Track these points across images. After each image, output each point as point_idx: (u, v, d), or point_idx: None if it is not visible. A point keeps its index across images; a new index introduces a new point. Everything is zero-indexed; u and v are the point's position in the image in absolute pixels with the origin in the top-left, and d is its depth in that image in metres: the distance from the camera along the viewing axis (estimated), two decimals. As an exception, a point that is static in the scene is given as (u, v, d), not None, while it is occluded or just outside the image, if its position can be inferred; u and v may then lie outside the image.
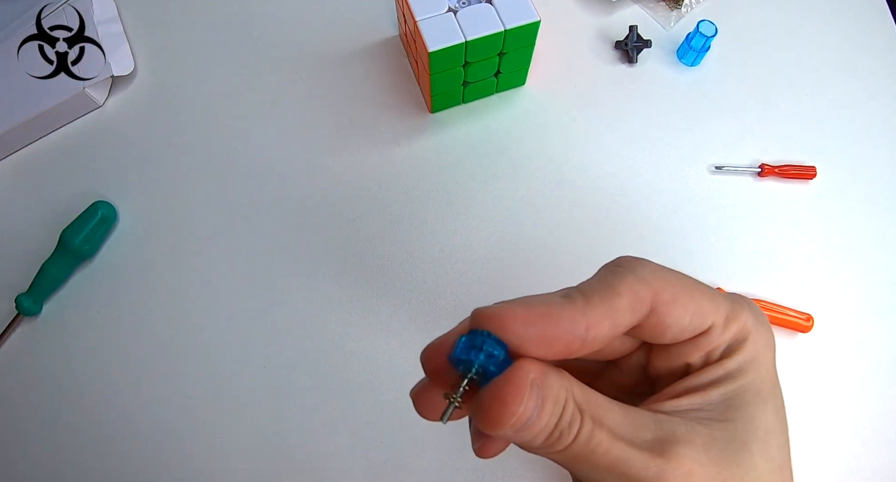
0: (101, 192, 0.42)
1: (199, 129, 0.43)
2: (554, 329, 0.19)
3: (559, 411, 0.19)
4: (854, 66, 0.43)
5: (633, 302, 0.20)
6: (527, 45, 0.39)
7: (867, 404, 0.36)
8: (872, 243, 0.39)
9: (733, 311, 0.21)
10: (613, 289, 0.20)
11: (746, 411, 0.21)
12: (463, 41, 0.35)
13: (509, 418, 0.18)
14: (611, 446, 0.19)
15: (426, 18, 0.36)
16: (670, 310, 0.20)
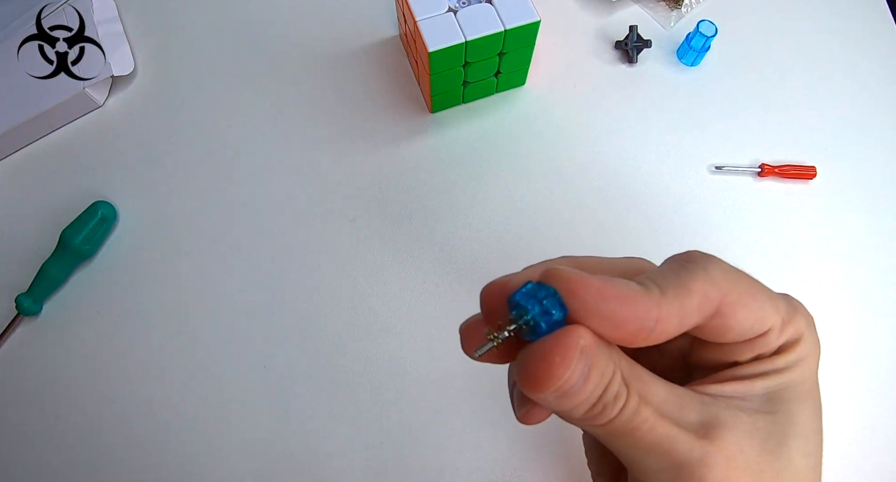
0: (101, 192, 0.42)
1: (199, 128, 0.43)
2: (626, 312, 0.18)
3: (604, 384, 0.19)
4: (854, 66, 0.43)
5: (702, 303, 0.19)
6: (527, 45, 0.38)
7: (868, 404, 0.36)
8: (872, 243, 0.39)
9: (789, 315, 0.21)
10: (686, 287, 0.19)
11: (788, 407, 0.20)
12: (463, 41, 0.35)
13: (553, 382, 0.18)
14: (655, 424, 0.19)
15: (426, 18, 0.36)
16: (735, 313, 0.20)
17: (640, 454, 0.19)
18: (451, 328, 0.35)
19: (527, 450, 0.35)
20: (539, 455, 0.35)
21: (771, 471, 0.19)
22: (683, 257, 0.21)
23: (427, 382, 0.36)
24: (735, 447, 0.19)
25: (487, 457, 0.35)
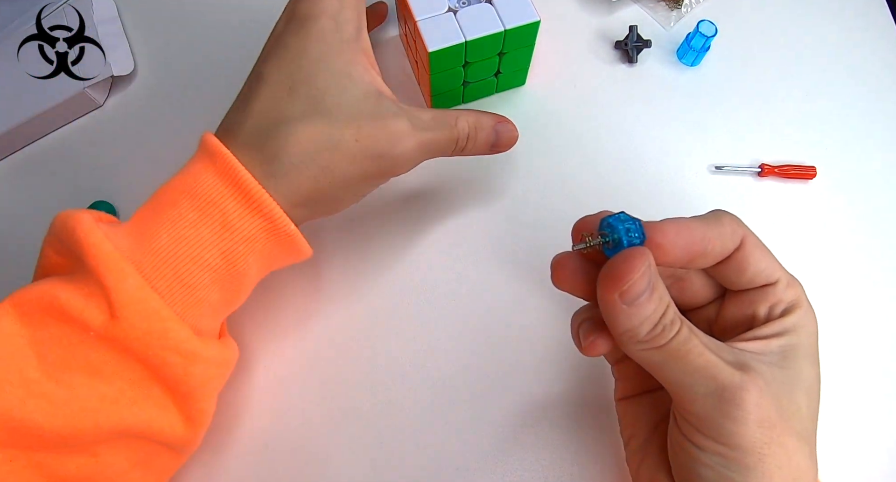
0: (101, 192, 0.42)
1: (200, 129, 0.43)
2: (693, 239, 0.24)
3: (663, 307, 0.23)
4: (854, 66, 0.43)
5: (731, 233, 0.25)
6: (527, 45, 0.39)
7: (868, 405, 0.36)
8: (872, 243, 0.39)
9: (793, 281, 0.27)
10: (719, 221, 0.25)
11: (797, 365, 0.24)
12: (463, 41, 0.35)
13: (628, 278, 0.22)
14: (703, 351, 0.23)
15: (426, 18, 0.36)
16: (753, 252, 0.26)
17: (690, 378, 0.23)
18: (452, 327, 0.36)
19: (527, 450, 0.35)
20: (539, 455, 0.35)
21: (787, 411, 0.23)
22: (712, 211, 0.26)
23: (427, 382, 0.36)
24: (765, 384, 0.23)
25: (488, 457, 0.35)
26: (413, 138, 0.30)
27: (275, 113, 0.28)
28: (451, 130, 0.32)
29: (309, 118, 0.28)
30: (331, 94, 0.28)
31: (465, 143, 0.33)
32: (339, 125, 0.28)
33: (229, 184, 0.27)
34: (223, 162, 0.28)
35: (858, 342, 0.37)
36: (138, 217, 0.28)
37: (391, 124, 0.29)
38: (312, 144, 0.28)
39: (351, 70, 0.29)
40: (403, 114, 0.30)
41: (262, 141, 0.28)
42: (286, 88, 0.28)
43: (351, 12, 0.30)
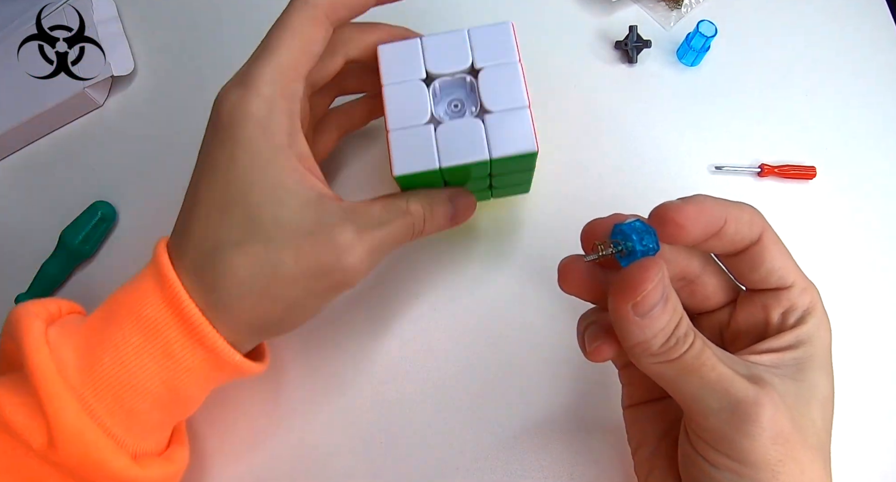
0: (101, 192, 0.42)
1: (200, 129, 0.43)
2: (709, 216, 0.23)
3: (676, 319, 0.23)
4: (854, 66, 0.43)
5: (750, 221, 0.24)
6: (523, 170, 0.33)
7: (868, 405, 0.36)
8: (873, 243, 0.39)
9: (809, 286, 0.26)
10: (739, 206, 0.25)
11: (812, 377, 0.24)
12: (437, 168, 0.28)
13: (644, 287, 0.22)
14: (716, 365, 0.23)
15: (401, 129, 0.29)
16: (770, 249, 0.25)
17: (703, 392, 0.23)
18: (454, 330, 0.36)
19: (527, 451, 0.35)
20: (540, 456, 0.35)
21: (801, 426, 0.23)
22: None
23: (428, 382, 0.36)
24: (779, 398, 0.22)
25: (489, 457, 0.35)
26: (361, 246, 0.27)
27: (212, 238, 0.27)
28: (405, 217, 0.29)
29: (244, 243, 0.26)
30: (266, 211, 0.26)
31: (423, 224, 0.30)
32: (275, 247, 0.26)
33: (173, 312, 0.27)
34: (169, 288, 0.27)
35: (858, 342, 0.37)
36: (89, 327, 0.28)
37: (335, 237, 0.26)
38: (248, 273, 0.26)
39: (285, 179, 0.27)
40: (348, 220, 0.27)
41: (202, 268, 0.27)
42: (220, 209, 0.27)
43: (281, 115, 0.27)
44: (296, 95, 0.28)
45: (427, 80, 0.30)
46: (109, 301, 0.29)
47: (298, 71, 0.28)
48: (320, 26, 0.29)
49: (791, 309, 0.26)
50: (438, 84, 0.30)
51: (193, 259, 0.27)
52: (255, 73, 0.27)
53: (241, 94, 0.27)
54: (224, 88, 0.28)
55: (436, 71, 0.30)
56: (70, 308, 0.31)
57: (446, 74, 0.30)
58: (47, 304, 0.29)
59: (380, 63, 0.30)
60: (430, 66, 0.30)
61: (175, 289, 0.26)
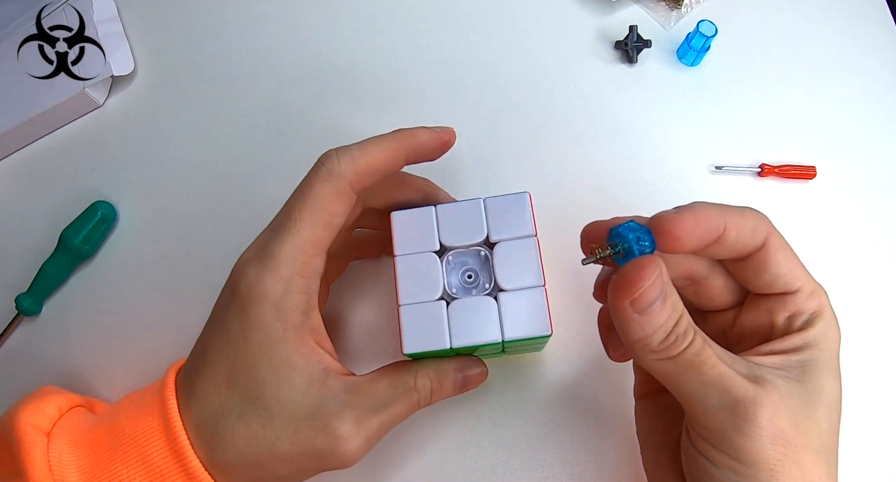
0: (101, 192, 0.42)
1: (200, 128, 0.43)
2: (707, 225, 0.23)
3: (676, 316, 0.23)
4: (854, 66, 0.43)
5: (753, 228, 0.25)
6: (535, 348, 0.33)
7: (868, 405, 0.36)
8: (873, 243, 0.39)
9: (817, 290, 0.26)
10: (742, 213, 0.25)
11: (818, 379, 0.24)
12: (448, 348, 0.28)
13: (640, 284, 0.22)
14: (717, 363, 0.23)
15: (412, 304, 0.28)
16: (775, 254, 0.25)
17: (703, 390, 0.23)
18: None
19: (528, 450, 0.35)
20: (540, 456, 0.35)
21: (804, 428, 0.23)
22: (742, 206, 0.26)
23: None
24: (780, 399, 0.22)
25: (489, 457, 0.35)
26: (359, 436, 0.27)
27: (216, 403, 0.27)
28: (411, 395, 0.28)
29: (245, 415, 0.26)
30: (269, 389, 0.26)
31: (430, 398, 0.29)
32: (274, 426, 0.26)
33: (177, 463, 0.27)
34: (176, 439, 0.26)
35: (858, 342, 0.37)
36: (93, 448, 0.27)
37: (333, 426, 0.26)
38: (246, 444, 0.26)
39: (293, 357, 0.26)
40: (348, 406, 0.27)
41: (205, 428, 0.27)
42: (225, 377, 0.27)
43: (297, 297, 0.27)
44: (316, 272, 0.28)
45: (440, 250, 0.29)
46: (115, 420, 0.28)
47: (320, 246, 0.28)
48: (345, 199, 0.28)
49: (797, 313, 0.25)
50: (452, 254, 0.29)
51: (198, 415, 0.27)
52: (275, 250, 0.27)
53: (259, 272, 0.26)
54: (243, 259, 0.28)
55: (450, 243, 0.29)
56: (68, 403, 0.30)
57: (461, 247, 0.29)
58: (46, 408, 0.29)
59: (392, 231, 0.29)
60: (445, 237, 0.29)
61: (181, 442, 0.26)
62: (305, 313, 0.27)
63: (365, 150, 0.28)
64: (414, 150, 0.29)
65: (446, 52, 0.44)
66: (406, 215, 0.29)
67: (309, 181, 0.28)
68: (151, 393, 0.29)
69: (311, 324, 0.28)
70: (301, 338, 0.27)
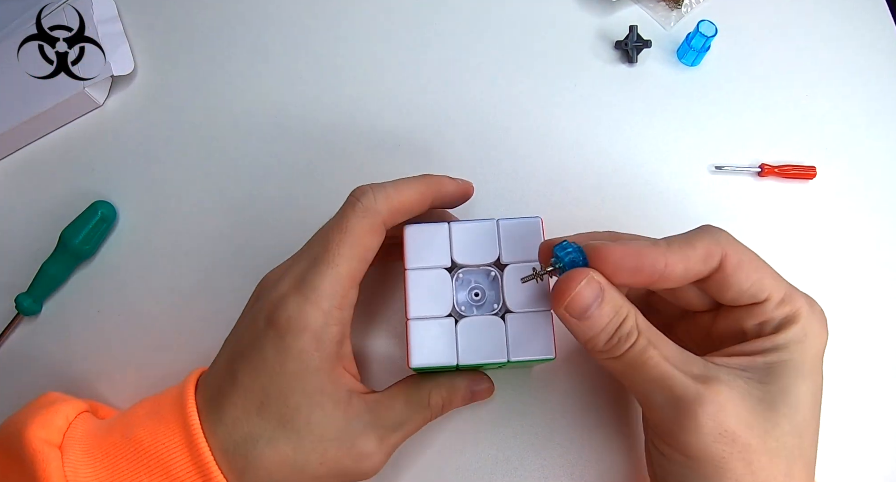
0: (101, 191, 0.42)
1: (200, 128, 0.43)
2: (641, 263, 0.25)
3: (619, 320, 0.25)
4: (854, 66, 0.43)
5: (705, 255, 0.25)
6: (532, 365, 0.35)
7: (868, 404, 0.36)
8: (873, 243, 0.39)
9: (790, 296, 0.26)
10: (690, 243, 0.25)
11: (784, 381, 0.24)
12: (455, 364, 0.29)
13: (567, 294, 0.24)
14: (659, 363, 0.24)
15: (421, 318, 0.29)
16: (735, 273, 0.25)
17: (648, 387, 0.25)
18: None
19: (527, 450, 0.35)
20: (540, 455, 0.35)
21: (759, 428, 0.24)
22: (698, 228, 0.27)
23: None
24: (727, 399, 0.24)
25: (489, 457, 0.35)
26: (381, 453, 0.29)
27: (246, 428, 0.27)
28: (424, 412, 0.31)
29: (276, 440, 0.27)
30: (301, 415, 0.27)
31: (440, 412, 0.32)
32: (305, 449, 0.27)
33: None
34: (203, 463, 0.27)
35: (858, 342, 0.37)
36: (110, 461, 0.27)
37: (358, 446, 0.28)
38: (276, 467, 0.27)
39: (325, 385, 0.28)
40: (371, 426, 0.29)
41: (234, 452, 0.27)
42: (257, 404, 0.27)
43: (336, 328, 0.28)
44: (351, 303, 0.29)
45: (451, 267, 0.30)
46: (132, 431, 0.28)
47: (356, 279, 0.29)
48: (378, 234, 0.29)
49: (767, 321, 0.26)
50: (462, 272, 0.30)
51: (225, 440, 0.27)
52: (316, 284, 0.27)
53: (301, 304, 0.27)
54: (280, 292, 0.28)
55: (462, 261, 0.29)
56: (74, 410, 0.30)
57: (472, 266, 0.30)
58: (53, 419, 0.29)
59: (405, 244, 0.30)
60: (457, 255, 0.29)
61: (210, 469, 0.27)
62: (340, 343, 0.29)
63: (399, 190, 0.29)
64: (440, 196, 0.31)
65: (445, 50, 0.44)
66: (419, 230, 0.30)
67: (345, 216, 0.29)
68: (168, 406, 0.28)
69: (344, 352, 0.29)
70: (334, 366, 0.28)
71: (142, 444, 0.27)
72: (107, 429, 0.29)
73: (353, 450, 0.28)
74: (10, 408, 0.38)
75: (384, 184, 0.30)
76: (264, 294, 0.29)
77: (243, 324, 0.30)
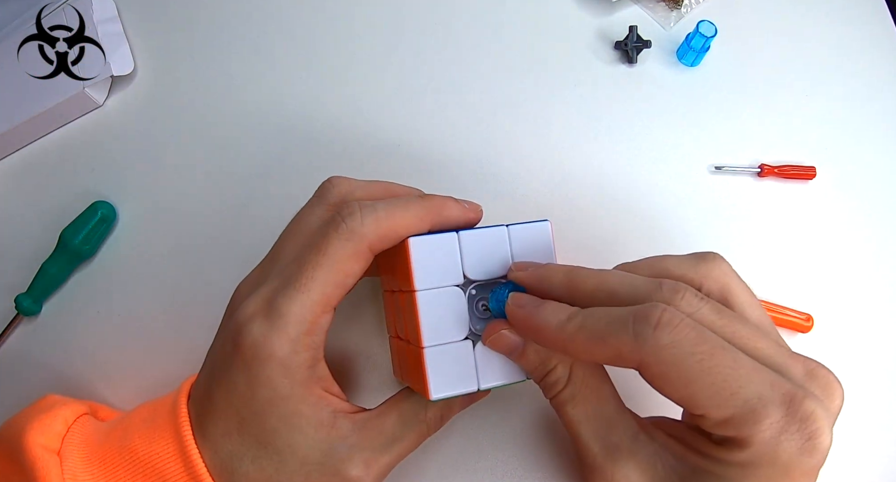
0: (101, 192, 0.42)
1: (200, 128, 0.43)
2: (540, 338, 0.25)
3: (544, 369, 0.26)
4: (854, 66, 0.43)
5: (613, 356, 0.22)
6: None
7: (867, 404, 0.36)
8: (872, 243, 0.39)
9: (742, 417, 0.20)
10: (603, 340, 0.22)
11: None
12: (476, 390, 0.27)
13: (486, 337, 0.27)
14: (573, 420, 0.25)
15: (437, 346, 0.26)
16: (655, 383, 0.22)
17: (568, 435, 0.26)
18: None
19: (528, 450, 0.35)
20: (540, 455, 0.35)
21: None
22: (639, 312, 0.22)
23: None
24: (623, 478, 0.23)
25: (489, 456, 0.35)
26: (368, 478, 0.27)
27: (228, 446, 0.27)
28: (420, 426, 0.28)
29: (259, 459, 0.26)
30: (281, 437, 0.26)
31: (440, 424, 0.29)
32: (287, 470, 0.26)
33: None
34: (197, 476, 0.26)
35: (858, 342, 0.37)
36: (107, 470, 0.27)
37: (343, 470, 0.26)
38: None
39: (301, 408, 0.26)
40: (357, 448, 0.27)
41: (221, 469, 0.27)
42: (237, 425, 0.27)
43: (304, 354, 0.26)
44: (323, 328, 0.27)
45: (463, 283, 0.27)
46: (128, 438, 0.28)
47: (330, 305, 0.27)
48: (362, 259, 0.26)
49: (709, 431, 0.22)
50: (475, 288, 0.28)
51: (212, 458, 0.27)
52: (284, 310, 0.25)
53: (267, 331, 0.25)
54: (247, 314, 0.26)
55: (475, 276, 0.27)
56: (73, 413, 0.30)
57: (486, 281, 0.27)
58: (52, 424, 0.28)
59: (411, 262, 0.26)
60: (469, 269, 0.27)
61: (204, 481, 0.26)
62: (311, 368, 0.27)
63: (391, 215, 0.26)
64: (440, 221, 0.28)
65: (446, 50, 0.44)
66: (426, 243, 0.27)
67: (326, 237, 0.26)
68: (164, 415, 0.28)
69: (318, 375, 0.27)
70: (308, 389, 0.27)
71: (137, 453, 0.27)
72: (105, 435, 0.29)
73: (338, 476, 0.26)
74: (10, 408, 0.38)
75: (376, 204, 0.27)
76: (235, 310, 0.27)
77: (217, 343, 0.29)
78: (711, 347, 0.21)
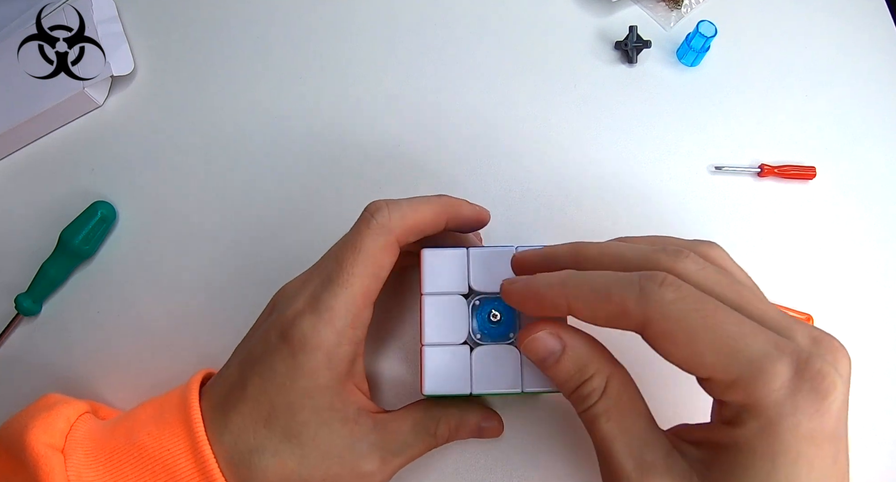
0: (101, 192, 0.42)
1: (200, 128, 0.43)
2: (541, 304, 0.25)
3: (580, 378, 0.24)
4: (854, 66, 0.43)
5: (618, 313, 0.22)
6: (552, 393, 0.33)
7: (867, 404, 0.36)
8: (872, 243, 0.39)
9: (743, 379, 0.20)
10: (608, 297, 0.22)
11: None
12: (468, 393, 0.28)
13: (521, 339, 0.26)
14: (608, 436, 0.23)
15: (436, 345, 0.29)
16: (658, 343, 0.22)
17: (597, 451, 0.24)
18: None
19: (528, 450, 0.35)
20: (540, 455, 0.35)
21: None
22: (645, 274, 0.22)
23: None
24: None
25: (489, 456, 0.35)
26: (382, 474, 0.29)
27: (251, 440, 0.27)
28: (430, 440, 0.30)
29: (281, 454, 0.27)
30: (308, 430, 0.27)
31: (445, 442, 0.31)
32: (309, 465, 0.27)
33: None
34: (208, 472, 0.27)
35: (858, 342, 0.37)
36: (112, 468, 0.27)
37: (361, 465, 0.28)
38: (279, 480, 0.27)
39: (334, 402, 0.28)
40: (376, 447, 0.28)
41: (238, 463, 0.27)
42: (265, 417, 0.27)
43: (348, 347, 0.28)
44: (364, 322, 0.29)
45: (468, 293, 0.29)
46: (135, 435, 0.28)
47: (370, 298, 0.29)
48: (392, 252, 0.29)
49: (723, 405, 0.22)
50: (479, 299, 0.29)
51: (230, 449, 0.27)
52: (330, 303, 0.27)
53: (315, 323, 0.27)
54: (296, 310, 0.28)
55: (480, 288, 0.29)
56: (75, 412, 0.30)
57: (489, 294, 0.29)
58: (55, 422, 0.28)
59: (422, 269, 0.29)
60: (475, 281, 0.29)
61: (216, 478, 0.27)
62: (352, 361, 0.29)
63: (414, 209, 0.29)
64: (455, 218, 0.30)
65: (446, 51, 0.44)
66: (437, 254, 0.29)
67: (359, 233, 0.28)
68: (173, 410, 0.28)
69: (355, 370, 0.29)
70: (344, 384, 0.28)
71: (146, 449, 0.27)
72: (110, 432, 0.29)
73: (355, 469, 0.28)
74: (10, 408, 0.38)
75: (400, 201, 0.29)
76: (279, 307, 0.29)
77: (256, 335, 0.29)
78: (715, 305, 0.21)
